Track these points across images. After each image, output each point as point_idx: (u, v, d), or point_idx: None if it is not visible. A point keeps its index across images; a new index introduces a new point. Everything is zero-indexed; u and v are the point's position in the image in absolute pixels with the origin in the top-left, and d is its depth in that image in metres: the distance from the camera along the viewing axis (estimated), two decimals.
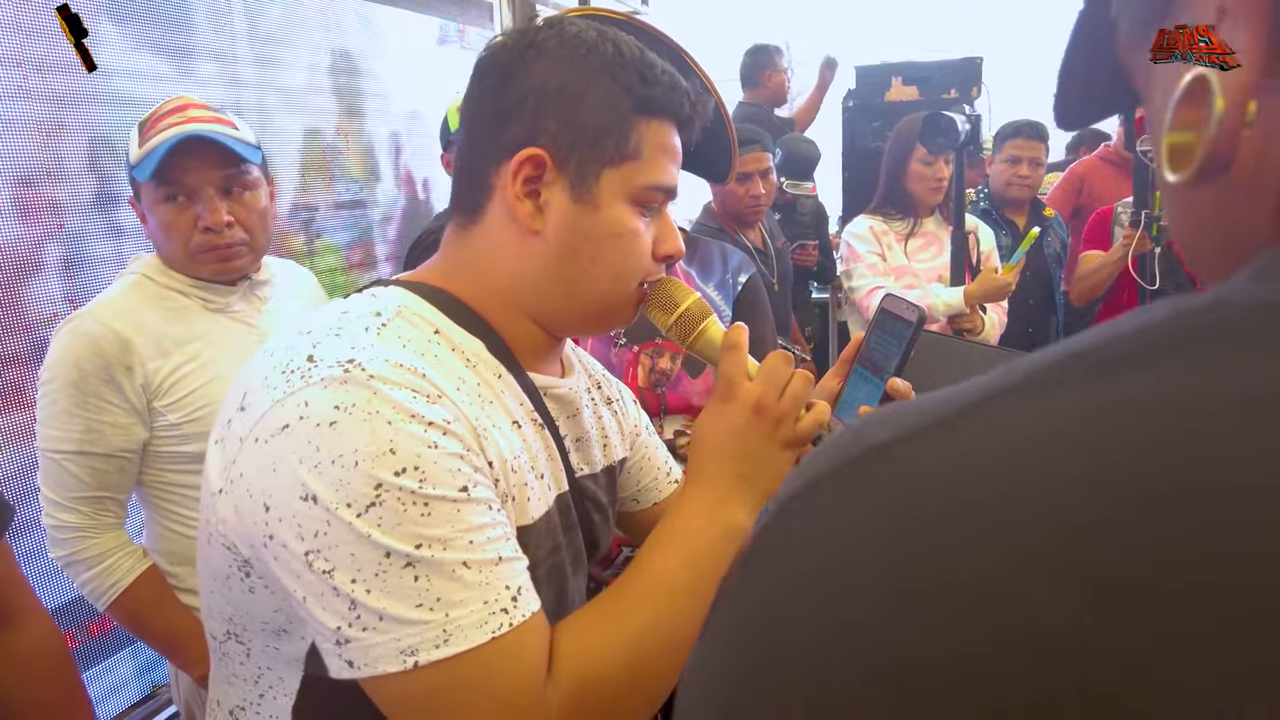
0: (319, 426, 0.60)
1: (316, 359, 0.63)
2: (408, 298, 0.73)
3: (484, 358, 0.74)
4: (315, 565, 0.59)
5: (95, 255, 1.72)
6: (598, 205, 0.73)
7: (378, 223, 2.78)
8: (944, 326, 2.28)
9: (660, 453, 1.03)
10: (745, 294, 1.52)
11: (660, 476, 1.02)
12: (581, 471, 0.85)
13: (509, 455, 0.70)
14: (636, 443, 0.99)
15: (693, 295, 0.80)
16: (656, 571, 0.71)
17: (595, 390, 0.95)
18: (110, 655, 1.87)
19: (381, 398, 0.61)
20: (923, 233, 2.46)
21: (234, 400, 0.67)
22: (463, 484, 0.62)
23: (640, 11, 4.21)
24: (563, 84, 0.72)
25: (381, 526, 0.59)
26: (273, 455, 0.61)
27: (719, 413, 0.76)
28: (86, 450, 1.28)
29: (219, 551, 0.66)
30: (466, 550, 0.61)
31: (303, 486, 0.59)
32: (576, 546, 0.82)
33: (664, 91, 0.74)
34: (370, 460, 0.59)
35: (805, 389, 0.75)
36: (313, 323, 0.69)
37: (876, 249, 2.43)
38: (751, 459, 0.74)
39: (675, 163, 0.77)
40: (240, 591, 0.66)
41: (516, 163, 0.71)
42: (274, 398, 0.62)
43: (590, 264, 0.74)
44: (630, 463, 0.99)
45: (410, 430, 0.61)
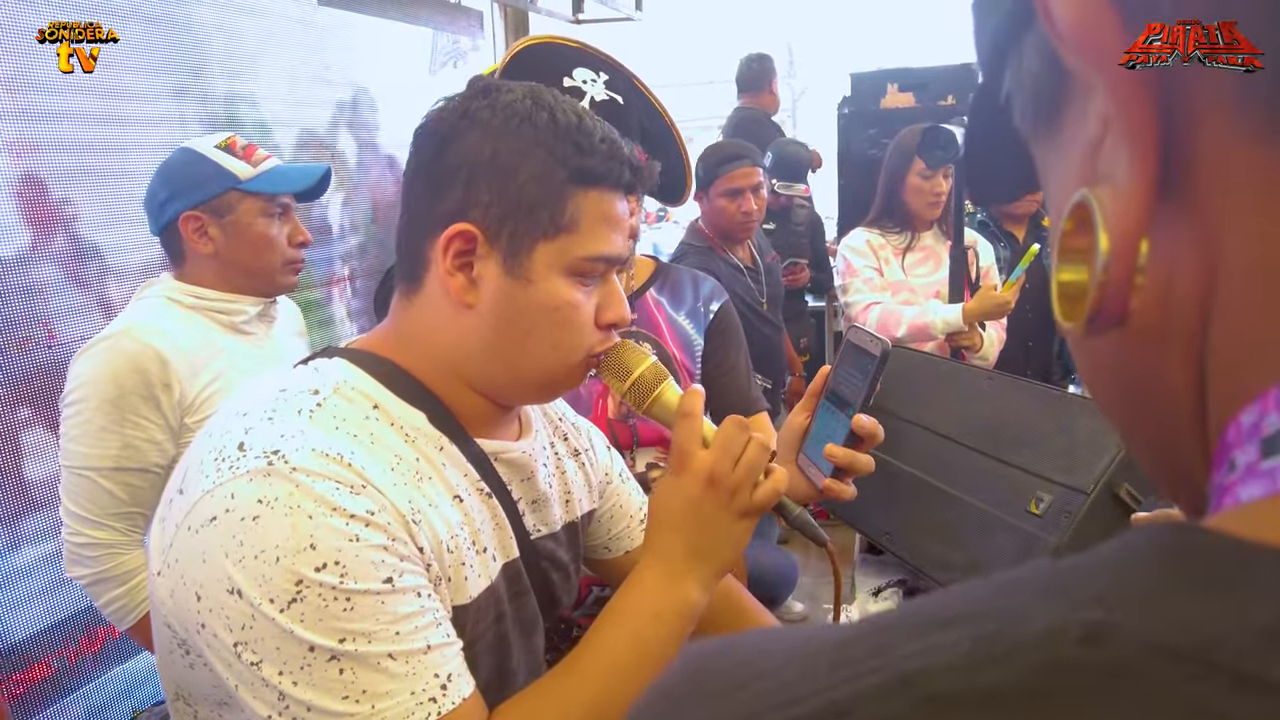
0: (243, 520, 0.60)
1: (246, 447, 0.64)
2: (348, 371, 0.73)
3: (425, 430, 0.73)
4: (244, 656, 0.60)
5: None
6: (530, 279, 0.72)
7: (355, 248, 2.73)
8: (941, 345, 2.22)
9: (634, 499, 1.01)
10: (717, 322, 1.49)
11: (633, 525, 1.00)
12: (538, 533, 0.84)
13: (445, 535, 0.70)
14: (607, 490, 0.98)
15: (646, 361, 0.79)
16: (603, 649, 0.72)
17: (560, 443, 0.93)
18: (90, 680, 1.83)
19: (303, 491, 0.61)
20: (921, 247, 2.40)
21: (176, 480, 0.67)
22: (386, 575, 0.62)
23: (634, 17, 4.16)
24: (494, 155, 0.70)
25: (304, 622, 0.59)
26: (202, 546, 0.62)
27: (673, 484, 0.75)
28: (124, 466, 1.32)
29: (161, 627, 0.67)
30: (392, 641, 0.62)
31: (229, 580, 0.60)
32: (529, 611, 0.81)
33: (600, 161, 0.72)
34: (291, 556, 0.60)
35: (761, 458, 0.74)
36: (251, 402, 0.69)
37: (873, 263, 2.37)
38: (705, 531, 0.73)
39: (619, 231, 0.75)
40: (182, 666, 0.67)
41: (446, 238, 0.71)
42: (205, 487, 0.63)
43: (526, 338, 0.73)
44: (600, 512, 0.98)
45: (331, 524, 0.61)
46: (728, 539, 0.74)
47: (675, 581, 0.73)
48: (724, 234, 2.54)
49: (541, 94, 0.73)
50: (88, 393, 1.31)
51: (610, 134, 0.74)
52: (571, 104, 0.74)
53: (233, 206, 1.44)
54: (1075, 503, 1.21)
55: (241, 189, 1.43)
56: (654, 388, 0.79)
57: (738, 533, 0.74)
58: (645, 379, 0.78)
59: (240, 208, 1.44)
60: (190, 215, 1.43)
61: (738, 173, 2.46)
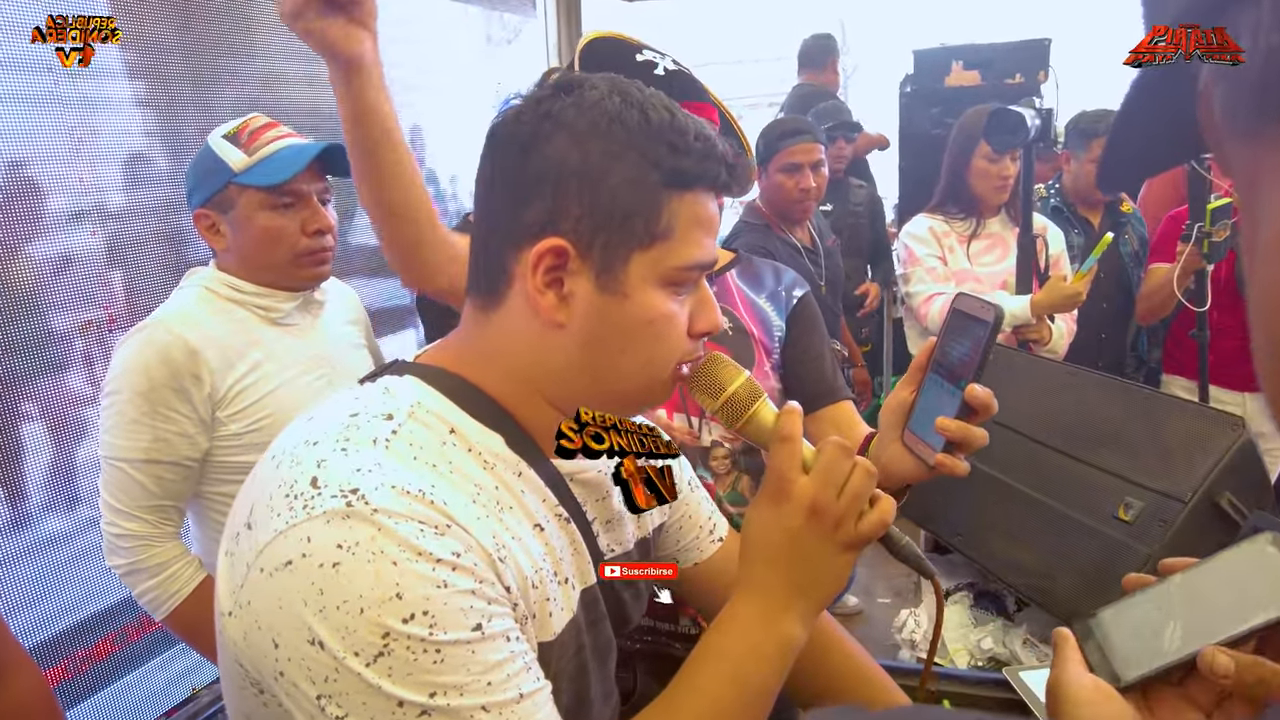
0: (323, 567, 0.57)
1: (320, 484, 0.59)
2: (422, 392, 0.68)
3: (503, 456, 0.69)
4: (328, 710, 0.57)
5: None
6: (626, 293, 0.67)
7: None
8: (1008, 338, 2.13)
9: (703, 508, 0.97)
10: (800, 309, 1.44)
11: (702, 536, 0.96)
12: (612, 553, 0.81)
13: (530, 570, 0.66)
14: (676, 500, 0.92)
15: (740, 376, 0.75)
16: (704, 691, 0.68)
17: None
18: (151, 658, 1.86)
19: (386, 535, 0.57)
20: (987, 234, 2.31)
21: (243, 511, 0.64)
22: (476, 622, 0.59)
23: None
24: (584, 161, 0.65)
25: (392, 677, 0.56)
26: (279, 592, 0.58)
27: (772, 514, 0.70)
28: (154, 459, 1.31)
29: (232, 664, 0.64)
30: (484, 693, 0.58)
31: (309, 630, 0.56)
32: (604, 638, 0.78)
33: (697, 161, 0.67)
34: (376, 607, 0.56)
35: (867, 485, 0.70)
36: (320, 428, 0.65)
37: (937, 252, 2.28)
38: (808, 566, 0.70)
39: (712, 234, 0.71)
40: (256, 704, 0.64)
41: (536, 254, 0.66)
42: (277, 527, 0.59)
43: (619, 354, 0.69)
44: (669, 523, 0.94)
45: (417, 570, 0.57)
46: (830, 572, 0.70)
47: (775, 618, 0.69)
48: (782, 212, 2.46)
49: (629, 89, 0.68)
50: (122, 384, 1.30)
51: (704, 130, 0.69)
52: (661, 98, 0.69)
53: (234, 201, 1.37)
54: (1171, 511, 1.14)
55: (238, 182, 1.35)
56: (749, 406, 0.74)
57: (840, 565, 0.70)
58: (739, 396, 0.74)
59: (241, 201, 1.36)
60: (201, 213, 1.39)
61: (798, 148, 2.38)
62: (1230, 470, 1.13)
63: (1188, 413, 1.25)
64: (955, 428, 0.81)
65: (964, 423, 0.82)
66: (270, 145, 1.37)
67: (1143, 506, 1.18)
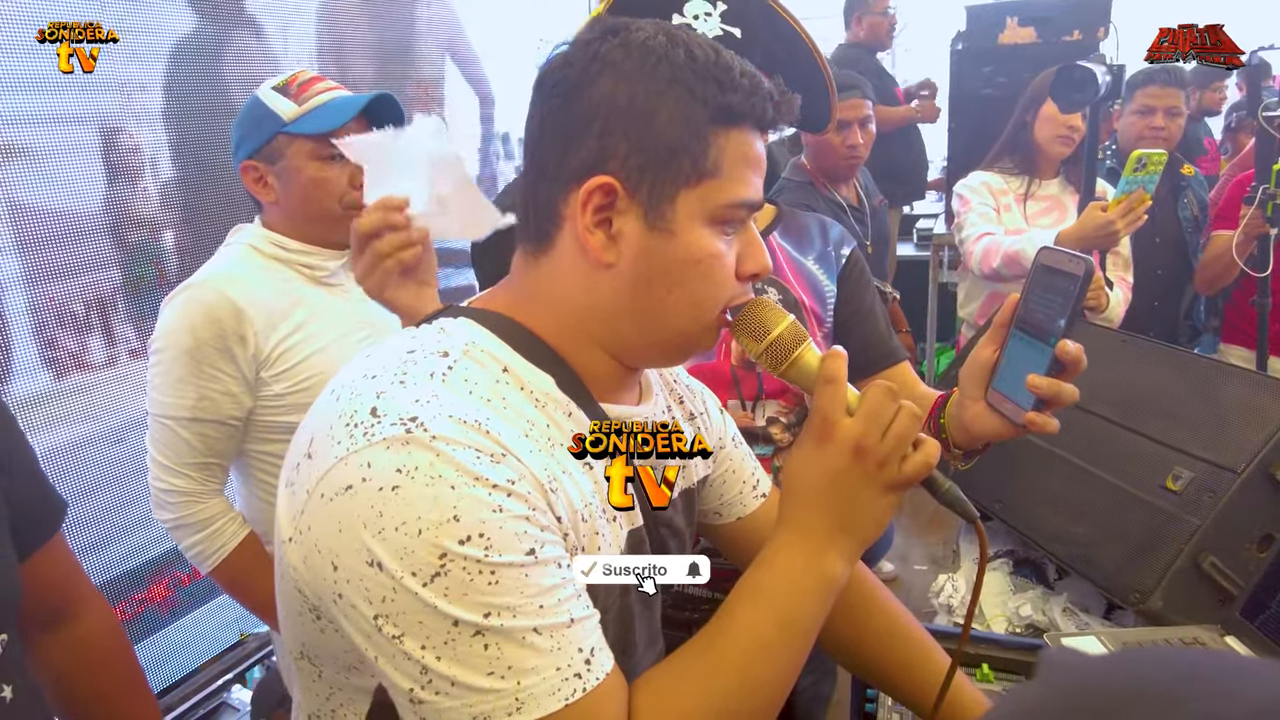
0: (382, 490, 0.58)
1: (380, 413, 0.61)
2: (476, 332, 0.70)
3: (554, 396, 0.70)
4: (385, 629, 0.59)
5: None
6: (674, 231, 0.67)
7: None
8: None
9: (747, 464, 0.97)
10: (850, 267, 1.39)
11: (745, 490, 0.96)
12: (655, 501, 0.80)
13: (579, 504, 0.67)
14: (720, 454, 0.94)
15: (785, 319, 0.74)
16: (745, 628, 0.68)
17: (677, 406, 0.90)
18: (204, 603, 1.93)
19: (445, 460, 0.59)
20: (1045, 195, 2.23)
21: (302, 443, 0.66)
22: (529, 547, 0.60)
23: None
24: (631, 100, 0.65)
25: (448, 596, 0.58)
26: (339, 515, 0.60)
27: (815, 454, 0.70)
28: (200, 417, 1.32)
29: (291, 590, 0.66)
30: (537, 615, 0.60)
31: (368, 551, 0.58)
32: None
33: (744, 97, 0.67)
34: (434, 528, 0.57)
35: (911, 427, 0.69)
36: (378, 363, 0.66)
37: (990, 202, 2.22)
38: (850, 506, 0.69)
39: (759, 172, 0.71)
40: (313, 630, 0.66)
41: (585, 192, 0.66)
42: (337, 454, 0.61)
43: (666, 294, 0.69)
44: (713, 477, 0.94)
45: (474, 494, 0.59)
46: (872, 513, 0.69)
47: (817, 556, 0.69)
48: (828, 170, 2.41)
49: (673, 30, 0.68)
50: (168, 342, 1.31)
51: (749, 68, 0.68)
52: (705, 38, 0.69)
53: (282, 151, 1.36)
54: (1222, 482, 1.11)
55: (288, 132, 1.35)
56: (793, 349, 0.73)
57: (883, 507, 0.69)
58: (784, 339, 0.73)
59: (289, 152, 1.36)
60: (248, 165, 1.38)
61: (845, 104, 2.32)
62: None
63: (1242, 381, 1.21)
64: (1047, 385, 0.81)
65: (1055, 379, 0.81)
66: (320, 96, 1.36)
67: (1192, 477, 1.15)
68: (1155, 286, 2.51)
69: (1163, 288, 2.56)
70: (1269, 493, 1.10)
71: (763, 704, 0.67)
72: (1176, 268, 2.59)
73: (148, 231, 1.80)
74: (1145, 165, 1.79)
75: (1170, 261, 2.57)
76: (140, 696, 1.07)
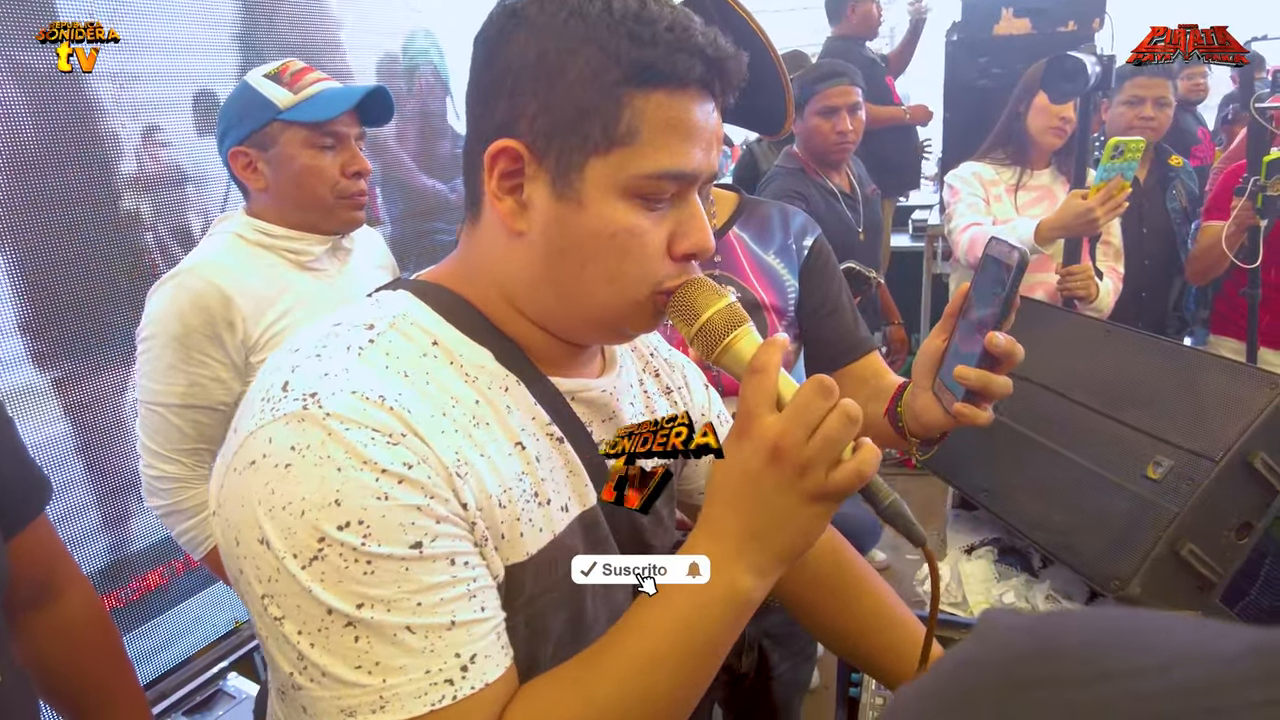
0: (276, 467, 0.57)
1: (289, 387, 0.60)
2: (410, 304, 0.68)
3: (489, 369, 0.67)
4: (269, 610, 0.58)
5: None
6: (582, 202, 0.63)
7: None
8: (1052, 293, 2.09)
9: None
10: (813, 260, 1.35)
11: None
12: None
13: (496, 489, 0.64)
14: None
15: (719, 303, 0.67)
16: (638, 638, 0.63)
17: (651, 380, 0.86)
18: (199, 591, 1.94)
19: (335, 440, 0.57)
20: (1036, 185, 2.24)
21: (236, 417, 0.64)
22: (415, 539, 0.57)
23: None
24: (541, 57, 0.61)
25: (324, 582, 0.56)
26: (242, 490, 0.59)
27: (733, 451, 0.64)
28: (190, 404, 1.34)
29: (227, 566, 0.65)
30: (412, 613, 0.57)
31: (259, 528, 0.57)
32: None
33: (665, 54, 0.61)
34: (316, 510, 0.56)
35: (843, 430, 0.60)
36: (306, 336, 0.65)
37: (980, 193, 2.23)
38: (765, 512, 0.62)
39: (693, 140, 0.63)
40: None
41: (489, 158, 0.64)
42: (249, 428, 0.60)
43: (580, 269, 0.65)
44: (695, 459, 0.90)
45: (360, 479, 0.56)
46: (792, 523, 0.62)
47: (723, 565, 0.63)
48: (819, 156, 2.43)
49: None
50: (157, 330, 1.32)
51: (681, 21, 0.62)
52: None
53: (275, 139, 1.37)
54: (1201, 470, 1.12)
55: (283, 119, 1.36)
56: (724, 334, 0.66)
57: (806, 518, 0.62)
58: (714, 323, 0.66)
59: (283, 139, 1.37)
60: (238, 151, 1.39)
61: (834, 90, 2.34)
62: (1265, 430, 1.11)
63: (1224, 371, 1.22)
64: (973, 376, 0.79)
65: (984, 371, 0.80)
66: (315, 85, 1.38)
67: (1172, 465, 1.16)
68: (1143, 277, 2.52)
69: (1151, 278, 2.57)
70: (1247, 481, 1.11)
71: (644, 717, 0.62)
72: (1165, 258, 2.60)
73: (134, 222, 1.80)
74: (1123, 152, 1.80)
75: (1158, 252, 2.58)
76: (123, 677, 1.07)
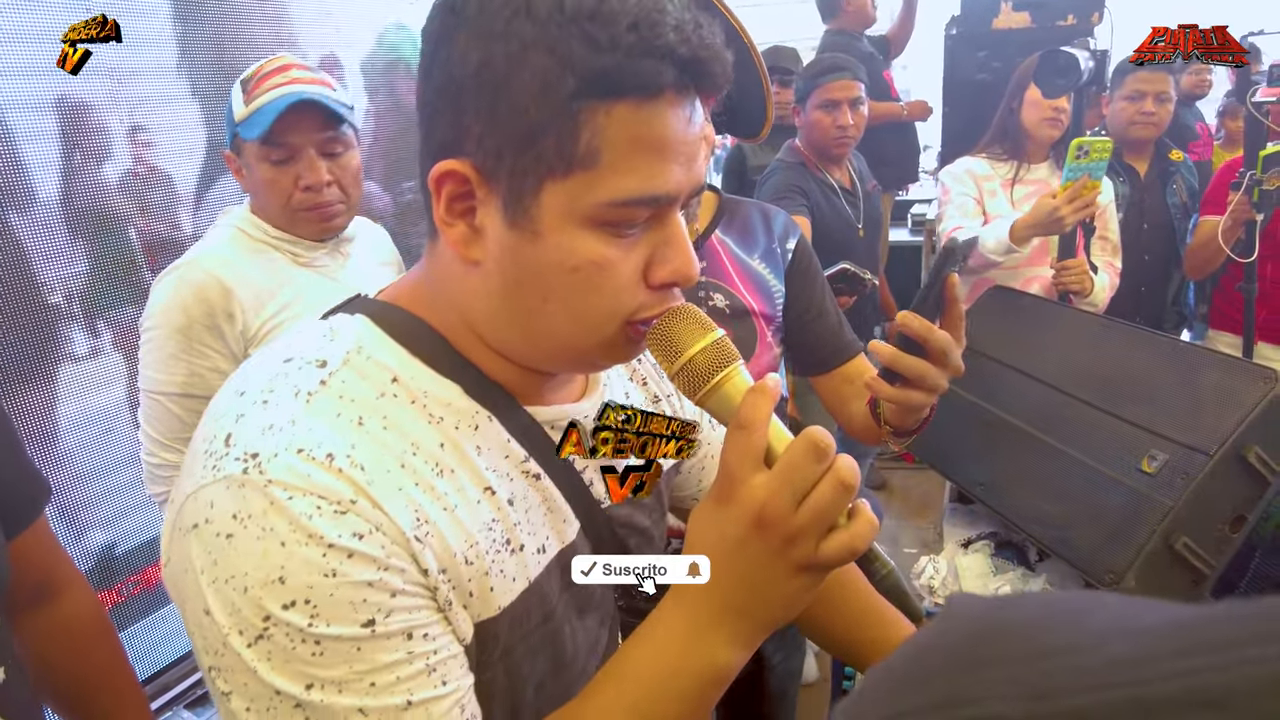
0: (218, 537, 0.53)
1: (232, 441, 0.55)
2: (368, 334, 0.61)
3: (457, 406, 0.61)
4: (217, 683, 0.55)
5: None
6: (539, 232, 0.55)
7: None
8: (1047, 288, 2.09)
9: None
10: (796, 262, 1.33)
11: None
12: (609, 501, 0.73)
13: (461, 547, 0.59)
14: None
15: (704, 339, 0.59)
16: (601, 710, 0.59)
17: (638, 390, 0.83)
18: None
19: (277, 510, 0.52)
20: (1031, 179, 2.24)
21: (185, 459, 0.60)
22: (367, 617, 0.53)
23: None
24: (482, 66, 0.53)
25: (271, 662, 0.52)
26: (185, 554, 0.54)
27: (713, 516, 0.58)
28: (190, 393, 1.35)
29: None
30: (366, 695, 0.53)
31: (203, 598, 0.53)
32: (585, 593, 0.71)
33: (626, 59, 0.51)
34: (259, 587, 0.52)
35: (835, 500, 0.55)
36: (253, 374, 0.59)
37: (972, 192, 2.23)
38: (748, 584, 0.57)
39: (667, 157, 0.55)
40: None
41: (433, 181, 0.56)
42: (189, 487, 0.55)
43: (542, 303, 0.58)
44: (689, 463, 0.90)
45: (304, 555, 0.51)
46: (777, 595, 0.57)
47: (699, 637, 0.58)
48: (820, 150, 2.43)
49: None
50: (159, 320, 1.34)
51: (647, 15, 0.52)
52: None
53: (241, 148, 1.37)
54: (1195, 464, 1.12)
55: (239, 133, 1.35)
56: (710, 376, 0.59)
57: (792, 590, 0.56)
58: (698, 364, 0.58)
59: (245, 149, 1.36)
60: (227, 155, 1.41)
61: (835, 84, 2.34)
62: (1260, 423, 1.11)
63: (1219, 365, 1.23)
64: (885, 351, 0.84)
65: (893, 349, 0.84)
66: (265, 95, 1.32)
67: (1166, 459, 1.17)
68: (1143, 272, 2.53)
69: (1150, 273, 2.57)
70: (1241, 475, 1.12)
71: None
72: (1164, 253, 2.60)
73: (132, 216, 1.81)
74: (1088, 153, 1.81)
75: (1158, 247, 2.58)
76: (123, 676, 1.08)
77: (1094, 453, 1.28)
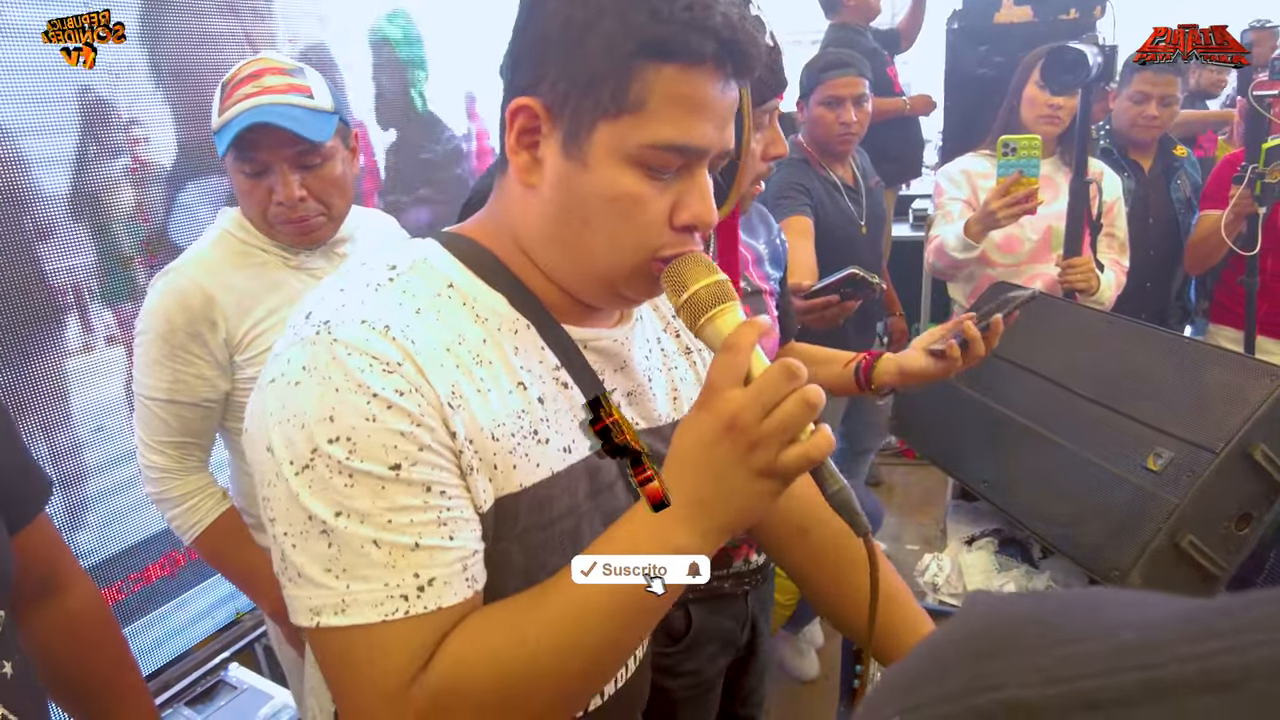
0: (289, 384, 0.63)
1: (312, 316, 0.66)
2: (433, 250, 0.73)
3: (501, 313, 0.72)
4: (266, 511, 0.65)
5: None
6: (588, 164, 0.67)
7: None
8: (1053, 285, 2.08)
9: None
10: (785, 250, 1.47)
11: None
12: (638, 425, 0.80)
13: (489, 424, 0.67)
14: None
15: (708, 279, 0.69)
16: (573, 586, 0.66)
17: (671, 340, 0.90)
18: (201, 582, 1.95)
19: (338, 363, 0.62)
20: None
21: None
22: (395, 461, 0.62)
23: None
24: (566, 24, 0.65)
25: (311, 489, 0.62)
26: (261, 403, 0.65)
27: (693, 420, 0.67)
28: (174, 399, 1.35)
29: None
30: (382, 529, 0.62)
31: (267, 438, 0.64)
32: (612, 506, 0.77)
33: (679, 30, 0.63)
34: (313, 424, 0.61)
35: (799, 414, 0.63)
36: (337, 274, 0.72)
37: (964, 194, 2.21)
38: (714, 480, 0.65)
39: (703, 117, 0.66)
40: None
41: (509, 113, 0.69)
42: (276, 350, 0.67)
43: (583, 227, 0.69)
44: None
45: (353, 401, 0.61)
46: (740, 496, 0.64)
47: (670, 526, 0.65)
48: (823, 147, 2.41)
49: None
50: (147, 325, 1.33)
51: (716, 2, 0.64)
52: None
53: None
54: (1201, 461, 1.12)
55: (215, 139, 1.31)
56: (709, 308, 0.68)
57: (754, 492, 0.64)
58: (700, 296, 0.68)
59: (227, 156, 1.31)
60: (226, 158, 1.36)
61: (839, 81, 2.32)
62: (1266, 421, 1.11)
63: (1225, 362, 1.22)
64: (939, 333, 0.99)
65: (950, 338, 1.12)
66: (233, 108, 1.26)
67: (1172, 456, 1.16)
68: (1147, 268, 2.52)
69: (1155, 269, 2.56)
70: (1247, 473, 1.11)
71: (572, 668, 0.65)
72: (1169, 249, 2.60)
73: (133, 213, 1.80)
74: (1015, 150, 1.81)
75: (1162, 243, 2.57)
76: (127, 671, 1.08)
77: (1099, 450, 1.28)
